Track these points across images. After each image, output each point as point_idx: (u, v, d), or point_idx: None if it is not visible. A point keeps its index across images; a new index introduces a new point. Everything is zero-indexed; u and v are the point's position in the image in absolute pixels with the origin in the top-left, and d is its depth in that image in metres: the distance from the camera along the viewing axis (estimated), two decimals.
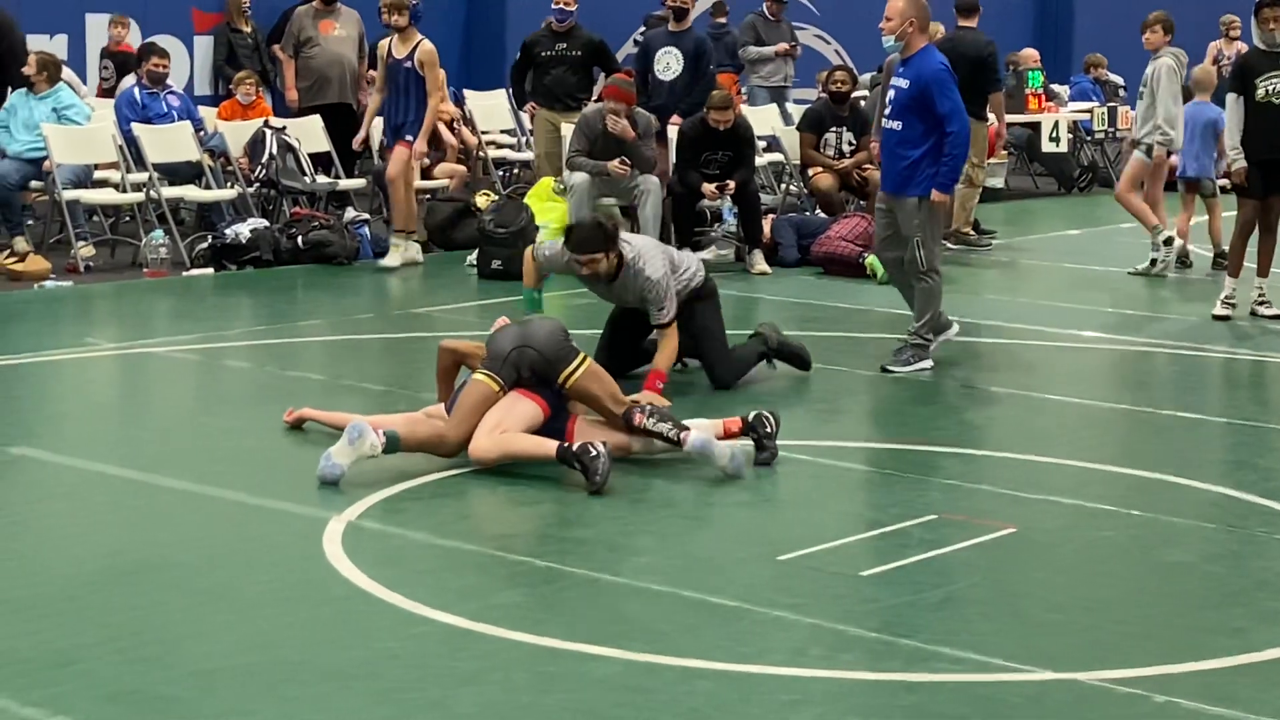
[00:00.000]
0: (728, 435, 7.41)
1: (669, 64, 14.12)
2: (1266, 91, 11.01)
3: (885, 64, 14.23)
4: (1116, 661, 5.16)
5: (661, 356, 8.53)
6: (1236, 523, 6.73)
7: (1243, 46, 21.13)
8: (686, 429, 7.24)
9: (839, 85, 14.41)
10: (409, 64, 12.91)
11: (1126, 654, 5.25)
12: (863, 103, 15.53)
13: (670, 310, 8.56)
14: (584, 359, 7.38)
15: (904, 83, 9.19)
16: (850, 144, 14.29)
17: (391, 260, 12.82)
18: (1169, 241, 13.27)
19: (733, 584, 5.84)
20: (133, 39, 15.82)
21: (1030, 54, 20.51)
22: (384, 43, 13.15)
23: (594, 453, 6.89)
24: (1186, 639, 5.45)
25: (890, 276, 9.73)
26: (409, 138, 12.94)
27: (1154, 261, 13.19)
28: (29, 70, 13.03)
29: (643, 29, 17.25)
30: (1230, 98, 11.17)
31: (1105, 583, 5.99)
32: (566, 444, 7.01)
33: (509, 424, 7.14)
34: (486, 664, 5.10)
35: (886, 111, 9.38)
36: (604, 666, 5.08)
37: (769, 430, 7.41)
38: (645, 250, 8.63)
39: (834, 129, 14.40)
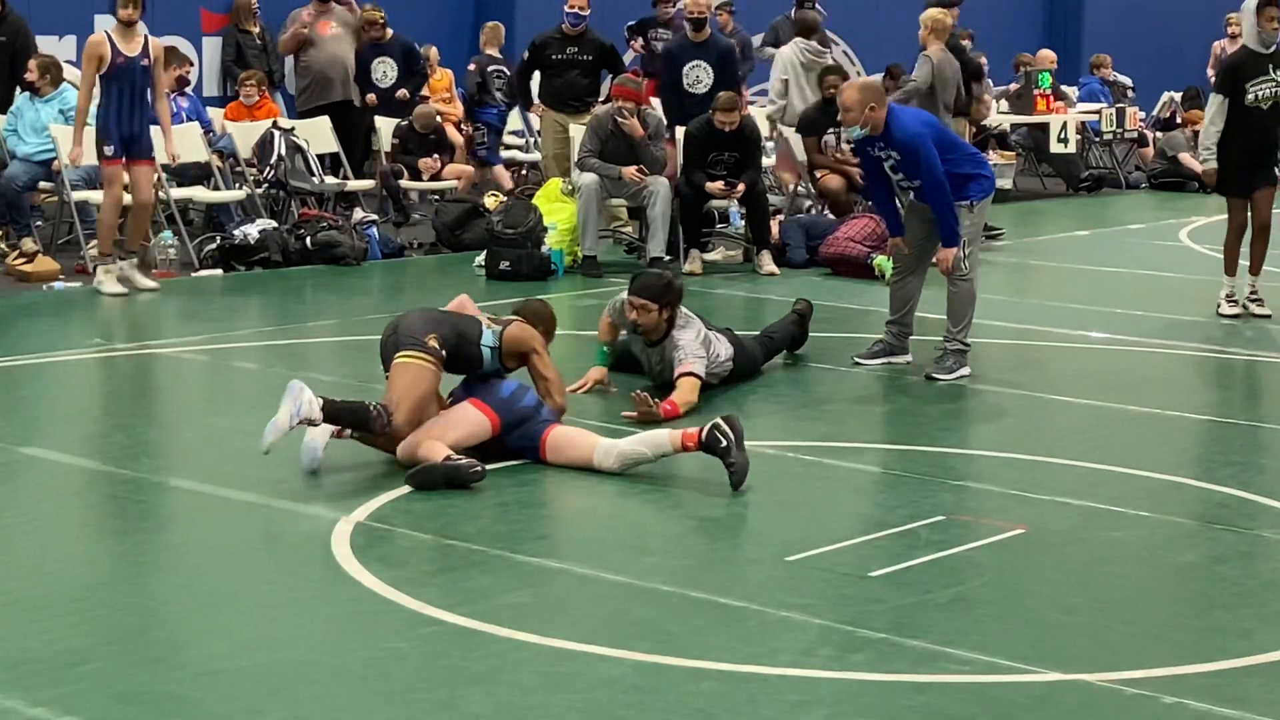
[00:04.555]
0: (685, 448, 7.07)
1: (698, 77, 13.99)
2: (1256, 96, 11.03)
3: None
4: (1125, 662, 5.16)
5: (679, 395, 8.29)
6: (1245, 524, 6.73)
7: None
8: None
9: (830, 90, 14.42)
10: (146, 62, 11.49)
11: (1135, 655, 5.24)
12: None
13: (691, 364, 8.39)
14: (417, 357, 7.15)
15: (894, 154, 9.16)
16: (849, 142, 14.26)
17: (114, 286, 11.46)
18: None
19: (741, 584, 5.84)
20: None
21: (1046, 55, 20.50)
22: (98, 39, 11.53)
23: (463, 462, 6.93)
24: (1195, 640, 5.45)
25: (896, 274, 9.74)
26: (153, 155, 11.72)
27: None
28: (31, 75, 13.06)
29: (628, 38, 17.09)
30: (1217, 99, 11.14)
31: (1114, 584, 5.98)
32: (449, 456, 6.95)
33: (444, 433, 7.13)
34: (495, 664, 5.10)
35: (897, 178, 9.32)
36: (612, 667, 5.08)
37: (725, 445, 6.94)
38: (690, 324, 8.62)
39: (830, 130, 14.42)
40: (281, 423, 6.83)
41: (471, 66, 16.39)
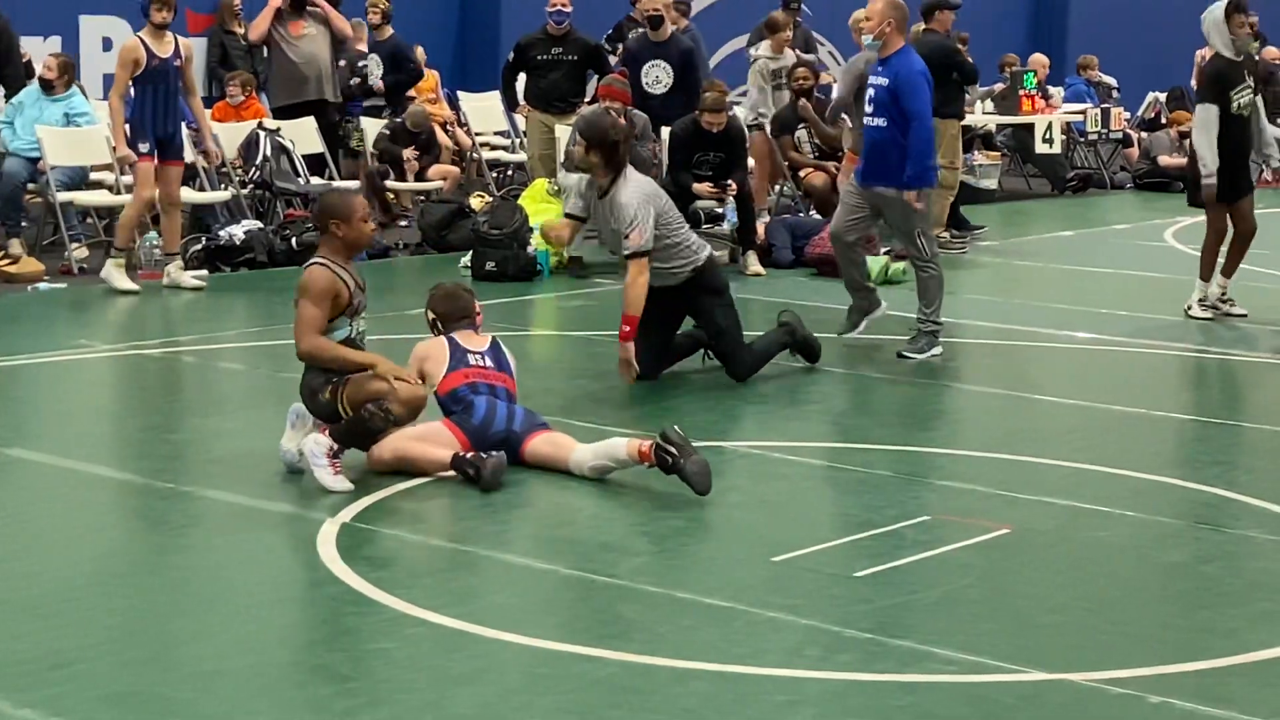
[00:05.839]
0: (642, 459, 6.93)
1: (658, 76, 13.94)
2: (1239, 104, 11.04)
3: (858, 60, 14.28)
4: (1111, 662, 5.17)
5: (629, 295, 8.51)
6: (1231, 524, 6.74)
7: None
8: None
9: (801, 82, 14.44)
10: (178, 63, 11.68)
11: (1121, 654, 5.25)
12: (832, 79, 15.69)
13: (637, 239, 8.53)
14: (336, 385, 6.99)
15: (883, 80, 9.49)
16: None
17: (124, 282, 11.51)
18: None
19: (727, 585, 5.84)
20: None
21: (1039, 59, 20.52)
22: (133, 44, 11.70)
23: (484, 456, 6.91)
24: (1181, 640, 5.46)
25: (842, 263, 9.90)
26: (183, 156, 11.92)
27: None
28: (50, 74, 13.08)
29: (610, 50, 17.07)
30: (1211, 110, 11.02)
31: (1100, 583, 5.99)
32: (459, 452, 6.95)
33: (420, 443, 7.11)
34: (481, 665, 5.10)
35: (869, 110, 9.59)
36: (599, 667, 5.08)
37: (673, 461, 6.78)
38: (633, 180, 8.70)
39: (803, 125, 14.44)
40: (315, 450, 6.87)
41: (341, 62, 16.21)
